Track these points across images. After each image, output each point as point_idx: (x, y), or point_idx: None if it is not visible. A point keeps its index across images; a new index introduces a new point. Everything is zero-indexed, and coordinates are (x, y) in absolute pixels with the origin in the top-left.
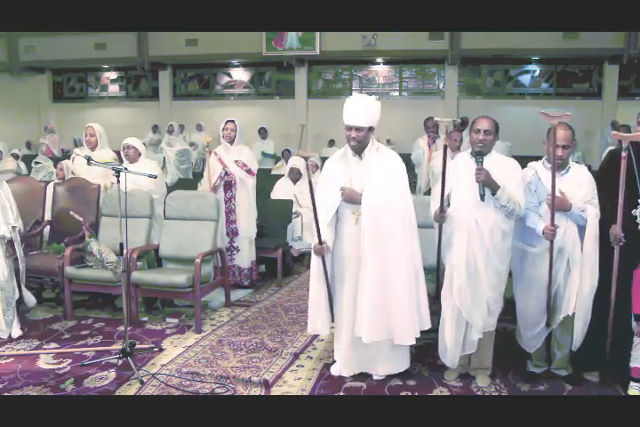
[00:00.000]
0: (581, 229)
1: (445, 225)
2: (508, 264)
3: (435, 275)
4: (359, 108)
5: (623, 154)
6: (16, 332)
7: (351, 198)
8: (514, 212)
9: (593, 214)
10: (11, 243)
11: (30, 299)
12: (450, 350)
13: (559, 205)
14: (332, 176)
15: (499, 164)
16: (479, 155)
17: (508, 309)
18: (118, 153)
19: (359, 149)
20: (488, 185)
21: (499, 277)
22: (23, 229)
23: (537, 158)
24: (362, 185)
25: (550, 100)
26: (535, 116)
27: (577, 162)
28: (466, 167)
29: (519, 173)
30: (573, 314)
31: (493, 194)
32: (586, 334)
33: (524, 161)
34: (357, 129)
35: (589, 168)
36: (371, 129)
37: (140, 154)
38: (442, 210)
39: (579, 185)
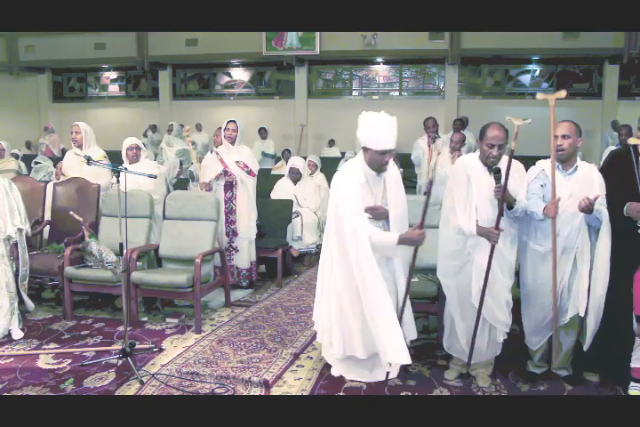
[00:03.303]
0: (591, 230)
1: (461, 237)
2: (514, 264)
3: (435, 275)
4: (393, 131)
5: None
6: (17, 333)
7: (381, 216)
8: (523, 219)
9: (607, 217)
10: (16, 245)
11: (29, 304)
12: (468, 350)
13: (587, 209)
14: (358, 193)
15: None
16: (497, 172)
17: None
18: (117, 153)
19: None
20: (506, 200)
21: (511, 277)
22: (30, 232)
23: (537, 159)
24: (381, 199)
25: None
26: (535, 116)
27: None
28: (480, 178)
29: (525, 177)
30: (580, 315)
31: (510, 208)
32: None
33: (523, 162)
34: (391, 151)
35: None
36: None
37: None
38: (497, 227)
39: (589, 185)
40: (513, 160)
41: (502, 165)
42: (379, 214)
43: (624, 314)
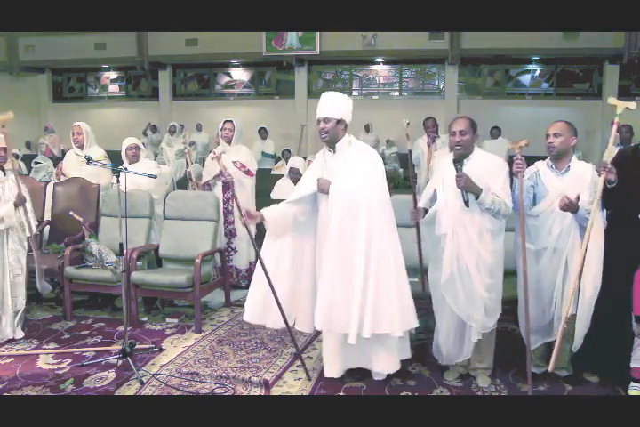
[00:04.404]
0: (584, 230)
1: (432, 229)
2: (502, 264)
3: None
4: (327, 101)
5: (615, 120)
6: (19, 333)
7: (323, 188)
8: (500, 212)
9: (598, 217)
10: (35, 238)
11: (46, 286)
12: (445, 351)
13: (567, 207)
14: (312, 170)
15: (483, 163)
16: (458, 161)
17: (509, 308)
18: (117, 153)
19: (331, 143)
20: (469, 190)
21: (493, 278)
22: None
23: (537, 158)
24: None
25: (550, 99)
26: (535, 115)
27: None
28: (448, 171)
29: (504, 172)
30: (573, 315)
31: (477, 198)
32: (587, 334)
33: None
34: (325, 120)
35: None
36: (340, 122)
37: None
38: (415, 206)
39: (581, 185)
40: (492, 155)
41: (477, 156)
42: (321, 186)
43: (623, 314)
